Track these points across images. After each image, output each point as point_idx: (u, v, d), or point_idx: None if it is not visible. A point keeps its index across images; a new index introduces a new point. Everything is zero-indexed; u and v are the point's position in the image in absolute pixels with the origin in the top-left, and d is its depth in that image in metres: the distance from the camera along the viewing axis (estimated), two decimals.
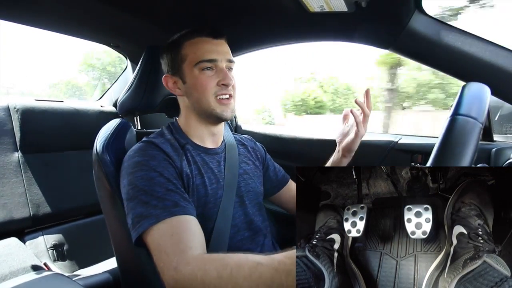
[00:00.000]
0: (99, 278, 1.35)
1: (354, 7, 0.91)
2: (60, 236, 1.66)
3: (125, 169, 0.79)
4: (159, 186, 0.73)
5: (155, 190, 0.72)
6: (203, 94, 0.86)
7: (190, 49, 0.87)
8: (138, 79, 1.01)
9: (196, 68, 0.86)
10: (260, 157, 1.10)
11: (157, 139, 0.85)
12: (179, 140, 0.89)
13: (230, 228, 0.87)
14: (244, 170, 0.99)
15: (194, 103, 0.89)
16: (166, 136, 0.89)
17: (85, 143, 1.77)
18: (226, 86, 0.87)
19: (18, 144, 1.58)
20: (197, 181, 0.85)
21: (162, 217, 0.68)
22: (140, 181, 0.74)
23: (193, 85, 0.87)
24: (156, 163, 0.77)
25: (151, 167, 0.76)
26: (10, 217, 1.50)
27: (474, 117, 0.48)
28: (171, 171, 0.78)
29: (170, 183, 0.75)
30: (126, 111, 1.05)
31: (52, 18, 1.25)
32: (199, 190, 0.84)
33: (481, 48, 0.87)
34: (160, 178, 0.75)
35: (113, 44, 1.69)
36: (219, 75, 0.86)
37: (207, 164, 0.90)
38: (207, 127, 0.92)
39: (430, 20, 0.92)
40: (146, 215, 0.69)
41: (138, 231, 0.69)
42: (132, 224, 0.71)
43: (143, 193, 0.72)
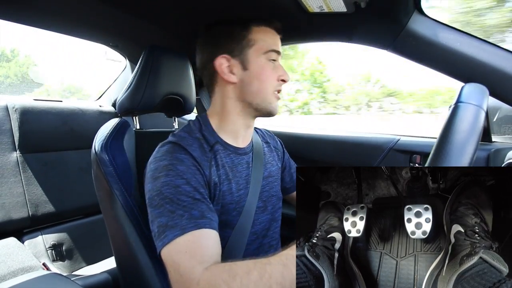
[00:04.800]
0: (98, 278, 1.35)
1: (353, 8, 0.91)
2: (59, 236, 1.66)
3: (151, 172, 0.73)
4: (185, 195, 0.68)
5: (181, 200, 0.67)
6: (264, 85, 0.81)
7: (259, 36, 0.82)
8: (137, 79, 1.01)
9: (264, 56, 0.81)
10: (280, 156, 1.05)
11: (184, 140, 0.78)
12: (208, 139, 0.82)
13: (250, 235, 0.83)
14: (269, 172, 0.94)
15: (248, 93, 0.82)
16: (194, 134, 0.82)
17: (83, 142, 1.78)
18: (284, 82, 0.84)
19: (17, 144, 1.58)
20: (224, 187, 0.80)
21: (188, 229, 0.64)
22: (166, 188, 0.68)
23: (256, 74, 0.81)
24: (184, 168, 0.71)
25: (178, 174, 0.70)
26: (8, 217, 1.50)
27: (476, 104, 0.49)
28: (198, 179, 0.73)
29: (197, 192, 0.70)
30: (125, 110, 1.05)
31: (50, 17, 1.25)
32: (225, 197, 0.79)
33: (479, 49, 0.88)
34: (186, 187, 0.69)
35: (112, 44, 1.68)
36: (279, 71, 0.84)
37: (236, 167, 0.85)
38: (246, 120, 0.87)
39: (429, 21, 0.92)
40: (171, 226, 0.65)
41: (163, 241, 0.64)
42: (157, 233, 0.67)
43: (168, 201, 0.67)
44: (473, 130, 0.47)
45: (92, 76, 7.67)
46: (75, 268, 1.67)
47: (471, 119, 0.48)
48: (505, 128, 1.17)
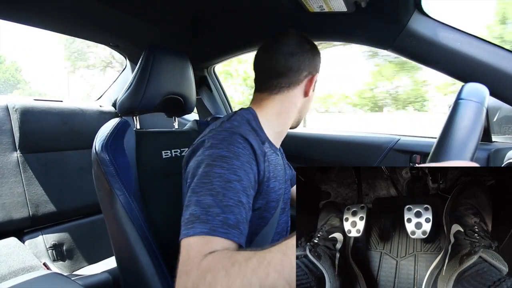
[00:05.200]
0: (98, 277, 1.35)
1: (353, 7, 0.91)
2: (59, 236, 1.66)
3: (203, 156, 0.70)
4: (233, 193, 0.65)
5: (226, 196, 0.64)
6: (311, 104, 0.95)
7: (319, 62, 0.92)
8: (137, 79, 1.01)
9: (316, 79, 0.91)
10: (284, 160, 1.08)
11: (242, 127, 0.76)
12: (259, 133, 0.82)
13: (274, 235, 0.86)
14: (288, 175, 0.98)
15: (306, 109, 0.94)
16: (246, 126, 0.80)
17: (84, 142, 1.78)
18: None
19: (17, 144, 1.58)
20: (271, 184, 0.80)
21: (216, 233, 0.60)
22: (217, 180, 0.65)
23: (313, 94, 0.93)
24: (240, 164, 0.69)
25: (233, 168, 0.68)
26: (9, 217, 1.50)
27: (477, 101, 0.49)
28: (250, 178, 0.71)
29: (244, 195, 0.67)
30: (125, 110, 1.05)
31: (51, 17, 1.25)
32: (270, 194, 0.80)
33: (480, 48, 0.87)
34: (237, 184, 0.67)
35: (112, 44, 1.69)
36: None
37: (277, 167, 0.85)
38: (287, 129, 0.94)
39: (429, 21, 0.92)
40: (203, 220, 0.61)
41: (189, 232, 0.61)
42: (187, 219, 0.63)
43: (214, 194, 0.64)
44: (475, 126, 0.47)
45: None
46: (75, 267, 1.67)
47: (472, 115, 0.48)
48: (505, 128, 1.17)
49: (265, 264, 0.50)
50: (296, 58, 0.86)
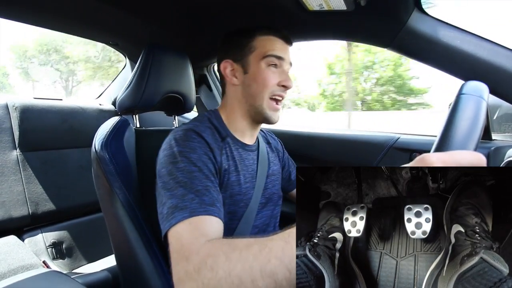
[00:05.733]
0: (98, 276, 1.36)
1: (353, 6, 0.91)
2: (59, 234, 1.67)
3: (165, 158, 0.76)
4: (199, 181, 0.71)
5: (194, 184, 0.70)
6: (261, 88, 0.86)
7: (261, 43, 0.88)
8: (137, 77, 1.01)
9: (263, 61, 0.86)
10: (280, 156, 1.09)
11: (198, 127, 0.82)
12: (220, 130, 0.88)
13: (252, 229, 0.87)
14: (272, 171, 0.98)
15: (248, 95, 0.89)
16: (206, 124, 0.87)
17: (84, 141, 1.78)
18: (286, 88, 0.88)
19: (17, 142, 1.58)
20: (233, 177, 0.84)
21: (196, 213, 0.65)
22: (180, 173, 0.71)
23: (254, 77, 0.87)
24: (197, 156, 0.75)
25: (191, 161, 0.73)
26: (8, 215, 1.50)
27: (478, 95, 0.49)
28: (210, 167, 0.76)
29: (208, 180, 0.73)
30: (125, 109, 1.05)
31: (50, 16, 1.24)
32: (234, 187, 0.83)
33: (480, 46, 0.87)
34: (199, 173, 0.72)
35: (112, 42, 1.68)
36: (282, 76, 0.88)
37: (244, 161, 0.89)
38: (250, 122, 0.92)
39: (429, 19, 0.92)
40: (181, 207, 0.66)
41: (171, 222, 0.65)
42: (166, 214, 0.67)
43: (183, 184, 0.69)
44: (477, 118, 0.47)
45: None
46: (75, 266, 1.67)
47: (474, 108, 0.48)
48: (505, 126, 1.17)
49: (266, 250, 0.51)
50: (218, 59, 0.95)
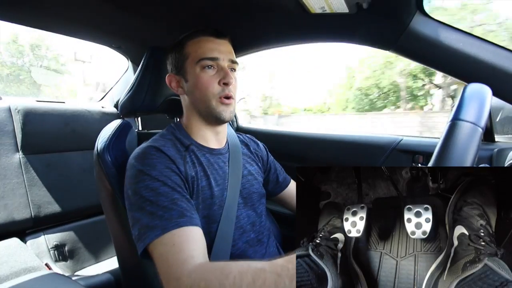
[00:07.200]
0: (100, 278, 1.36)
1: (355, 8, 0.91)
2: (61, 237, 1.67)
3: (128, 179, 0.77)
4: (164, 196, 0.71)
5: (160, 200, 0.70)
6: (204, 92, 0.86)
7: (193, 48, 0.87)
8: (139, 80, 1.01)
9: (198, 66, 0.86)
10: (262, 158, 1.09)
11: (158, 141, 0.83)
12: (182, 141, 0.88)
13: (236, 230, 0.86)
14: (249, 171, 0.98)
15: (195, 101, 0.89)
16: (168, 136, 0.88)
17: (86, 144, 1.79)
18: (227, 85, 0.86)
19: (20, 145, 1.59)
20: (203, 183, 0.83)
21: (168, 228, 0.66)
22: (145, 191, 0.72)
23: (194, 83, 0.87)
24: (157, 172, 0.75)
25: (153, 177, 0.74)
26: (11, 218, 1.50)
27: (473, 122, 0.48)
28: (174, 179, 0.76)
29: (175, 192, 0.74)
30: (127, 112, 1.05)
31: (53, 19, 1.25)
32: (205, 192, 0.83)
33: (482, 49, 0.87)
34: (164, 188, 0.73)
35: (115, 45, 1.69)
36: (220, 74, 0.86)
37: (212, 165, 0.89)
38: (210, 127, 0.91)
39: (431, 21, 0.92)
40: (152, 226, 0.67)
41: (144, 242, 0.67)
42: (138, 235, 0.69)
43: (149, 203, 0.70)
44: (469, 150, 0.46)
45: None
46: (77, 268, 1.67)
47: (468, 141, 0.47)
48: (508, 128, 1.16)
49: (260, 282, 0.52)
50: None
